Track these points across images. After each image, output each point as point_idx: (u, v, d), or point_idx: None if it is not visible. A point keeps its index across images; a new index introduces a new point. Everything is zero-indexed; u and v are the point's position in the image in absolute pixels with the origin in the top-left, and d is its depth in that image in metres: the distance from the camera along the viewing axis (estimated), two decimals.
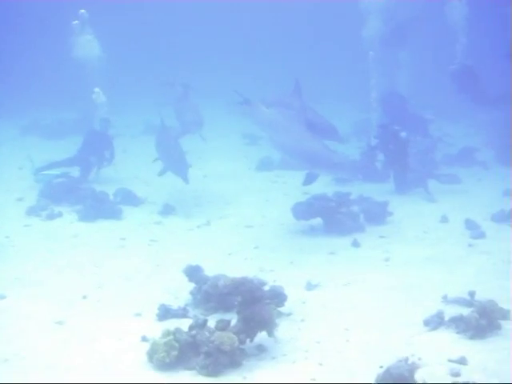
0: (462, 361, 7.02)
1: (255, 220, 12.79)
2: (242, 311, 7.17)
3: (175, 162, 13.38)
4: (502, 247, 11.10)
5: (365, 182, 14.79)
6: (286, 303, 8.35)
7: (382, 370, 6.18)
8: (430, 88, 22.79)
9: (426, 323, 7.95)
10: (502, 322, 7.88)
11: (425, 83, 22.76)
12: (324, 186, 15.36)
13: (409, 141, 14.56)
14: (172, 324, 7.71)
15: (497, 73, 18.39)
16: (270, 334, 7.30)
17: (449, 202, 14.08)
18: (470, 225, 12.19)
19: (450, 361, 7.04)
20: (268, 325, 7.24)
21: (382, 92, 19.05)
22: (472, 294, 8.61)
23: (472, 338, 7.59)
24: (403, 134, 14.32)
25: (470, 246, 11.22)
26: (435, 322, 7.92)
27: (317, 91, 30.27)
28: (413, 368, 6.10)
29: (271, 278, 9.47)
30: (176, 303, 8.52)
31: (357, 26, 20.19)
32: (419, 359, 6.92)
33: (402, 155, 14.41)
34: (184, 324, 7.44)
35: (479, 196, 14.54)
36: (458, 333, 7.73)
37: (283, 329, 7.78)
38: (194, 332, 7.01)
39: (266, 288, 8.19)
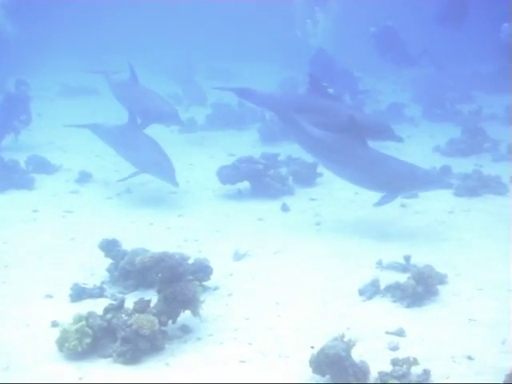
0: (400, 332, 6.59)
1: (179, 185, 12.04)
2: (163, 290, 6.49)
3: (157, 164, 10.75)
4: (435, 206, 10.78)
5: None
6: (212, 276, 7.72)
7: (316, 351, 5.66)
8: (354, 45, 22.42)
9: (361, 292, 7.48)
10: (440, 288, 7.50)
11: (348, 41, 22.38)
12: (251, 146, 14.83)
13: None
14: (87, 305, 7.05)
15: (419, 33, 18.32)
16: (195, 313, 6.66)
17: None
18: None
19: (387, 333, 6.61)
20: (192, 303, 6.58)
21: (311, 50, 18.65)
22: (407, 258, 8.22)
23: (409, 306, 7.18)
24: (331, 91, 13.79)
25: (402, 206, 10.82)
26: (370, 291, 7.46)
27: (242, 51, 29.91)
28: (349, 346, 5.59)
29: (196, 249, 8.87)
30: (92, 281, 7.77)
31: None
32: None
33: None
34: (100, 305, 6.74)
35: (410, 153, 14.17)
36: (394, 301, 7.31)
37: (209, 306, 7.15)
38: (109, 315, 6.29)
39: (190, 261, 7.57)
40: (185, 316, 6.66)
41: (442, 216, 10.32)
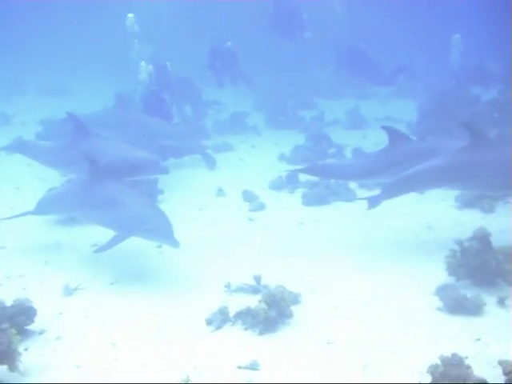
0: (254, 365, 5.91)
1: (2, 213, 10.64)
2: None
3: (145, 222, 7.78)
4: (284, 219, 10.23)
5: None
6: (38, 318, 6.68)
7: None
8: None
9: (209, 322, 6.71)
10: (294, 308, 6.89)
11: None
12: None
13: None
14: None
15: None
16: (12, 367, 5.60)
17: (224, 173, 13.06)
18: (248, 196, 11.21)
19: (240, 368, 5.87)
20: (7, 356, 5.55)
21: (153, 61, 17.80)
22: (258, 278, 7.58)
23: (262, 333, 6.52)
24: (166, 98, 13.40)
25: (250, 220, 10.21)
26: (219, 320, 6.71)
27: (75, 67, 28.66)
28: None
29: (20, 286, 7.76)
30: None
31: None
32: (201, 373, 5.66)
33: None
34: None
35: (255, 164, 13.68)
36: (246, 329, 6.62)
37: (33, 354, 6.17)
38: None
39: (9, 303, 6.47)
40: (0, 371, 5.58)
41: (291, 228, 9.77)
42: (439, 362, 5.03)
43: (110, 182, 8.33)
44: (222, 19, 25.64)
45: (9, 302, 6.55)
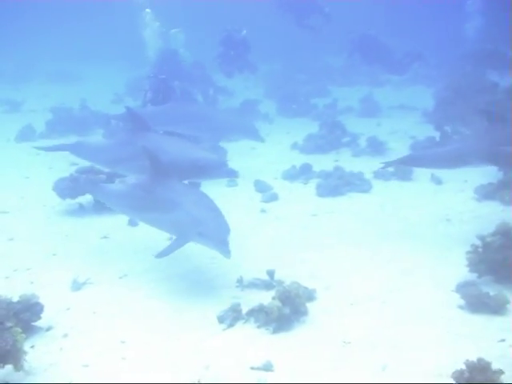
0: (267, 366, 5.67)
1: (11, 203, 10.51)
2: None
3: (203, 228, 6.97)
4: (297, 210, 9.97)
5: None
6: (45, 313, 6.47)
7: None
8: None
9: (221, 320, 6.47)
10: (309, 306, 6.63)
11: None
12: None
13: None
14: None
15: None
16: (17, 366, 5.39)
17: (235, 163, 12.79)
18: (260, 186, 10.96)
19: (252, 368, 5.64)
20: (11, 356, 5.33)
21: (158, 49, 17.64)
22: (271, 273, 7.32)
23: (276, 331, 6.27)
24: (176, 83, 13.10)
25: (262, 211, 9.95)
26: (231, 317, 6.46)
27: (84, 51, 28.47)
28: None
29: (27, 280, 7.56)
30: None
31: None
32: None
33: None
34: None
35: (267, 153, 13.42)
36: (259, 327, 6.37)
37: (39, 352, 5.96)
38: None
39: (15, 299, 6.27)
40: (5, 371, 5.40)
41: (304, 220, 9.51)
42: (464, 366, 4.77)
43: (169, 182, 7.49)
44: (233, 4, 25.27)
45: (16, 297, 6.33)
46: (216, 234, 6.80)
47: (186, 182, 8.28)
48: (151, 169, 7.53)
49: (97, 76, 25.47)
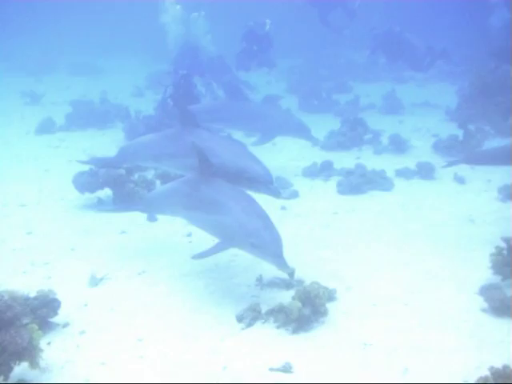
0: (286, 368, 5.58)
1: (30, 196, 10.46)
2: None
3: (252, 234, 6.54)
4: (318, 208, 9.85)
5: None
6: (62, 309, 6.40)
7: None
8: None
9: (240, 319, 6.38)
10: (329, 306, 6.50)
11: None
12: (115, 147, 13.32)
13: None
14: None
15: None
16: (33, 364, 5.33)
17: None
18: (281, 183, 10.83)
19: (271, 370, 5.54)
20: (27, 353, 5.25)
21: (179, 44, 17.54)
22: (291, 272, 7.16)
23: (295, 332, 6.16)
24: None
25: (282, 208, 9.83)
26: (250, 317, 6.37)
27: (106, 44, 28.48)
28: None
29: (45, 275, 7.52)
30: None
31: None
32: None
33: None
34: None
35: (288, 149, 13.29)
36: (278, 327, 6.26)
37: (56, 349, 5.91)
38: None
39: (33, 295, 6.22)
40: (21, 369, 5.33)
41: (325, 218, 9.38)
42: (489, 373, 4.64)
43: (218, 183, 7.13)
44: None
45: (33, 292, 6.28)
46: (271, 246, 6.39)
47: None
48: (200, 167, 7.19)
49: (120, 69, 25.50)
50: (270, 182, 7.89)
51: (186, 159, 7.91)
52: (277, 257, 6.34)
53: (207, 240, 7.54)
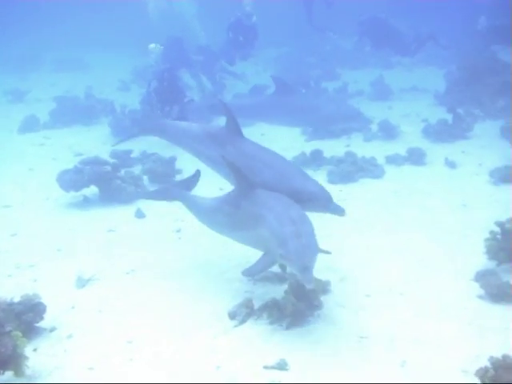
0: (282, 365, 5.42)
1: (14, 197, 10.24)
2: None
3: (285, 242, 5.93)
4: None
5: None
6: (49, 313, 6.19)
7: None
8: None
9: (232, 316, 6.21)
10: (323, 299, 6.33)
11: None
12: (101, 143, 13.23)
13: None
14: None
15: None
16: (18, 372, 5.17)
17: None
18: None
19: (266, 368, 5.37)
20: (12, 361, 5.10)
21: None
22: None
23: (289, 327, 6.00)
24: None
25: None
26: (243, 314, 6.20)
27: (90, 39, 28.18)
28: None
29: (30, 277, 7.31)
30: None
31: None
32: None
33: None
34: None
35: (277, 139, 13.08)
36: (271, 323, 6.09)
37: (42, 355, 5.71)
38: None
39: (17, 299, 6.02)
40: (6, 378, 5.17)
41: None
42: (489, 364, 4.48)
43: (254, 193, 6.52)
44: None
45: (17, 297, 6.08)
46: (296, 257, 5.79)
47: None
48: (237, 185, 6.70)
49: (106, 63, 25.16)
50: (330, 200, 7.01)
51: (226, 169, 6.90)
52: (301, 270, 5.73)
53: (197, 234, 7.37)
